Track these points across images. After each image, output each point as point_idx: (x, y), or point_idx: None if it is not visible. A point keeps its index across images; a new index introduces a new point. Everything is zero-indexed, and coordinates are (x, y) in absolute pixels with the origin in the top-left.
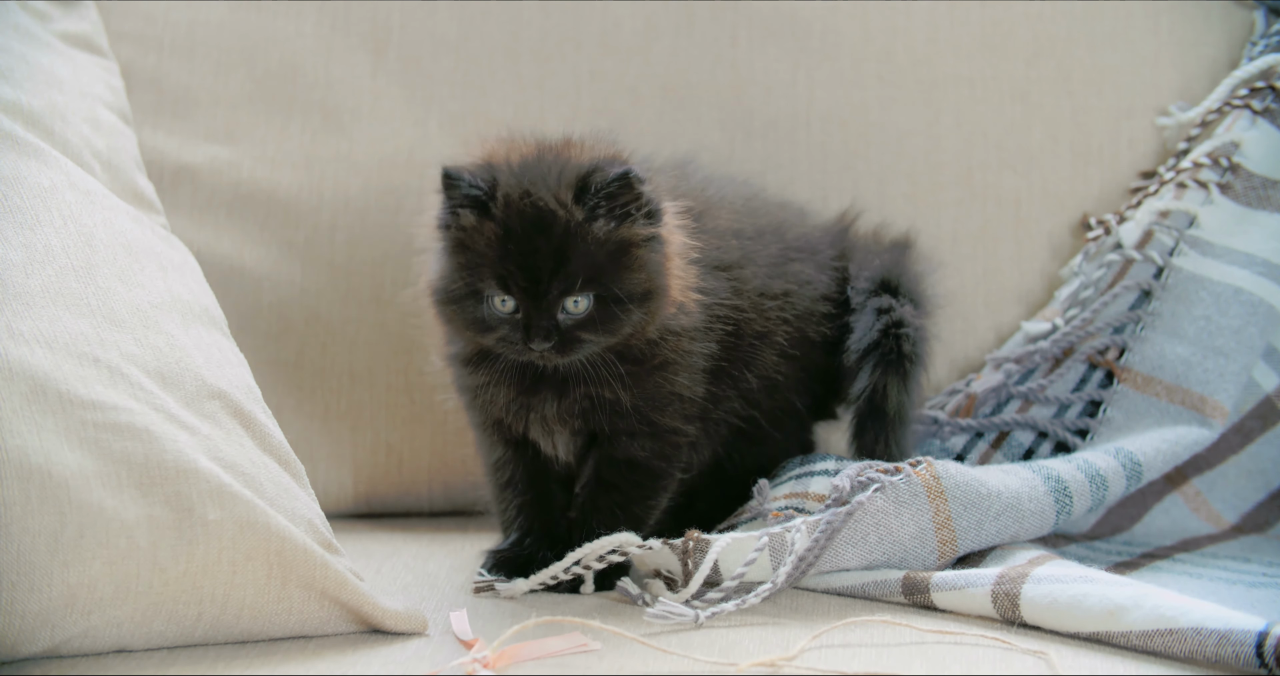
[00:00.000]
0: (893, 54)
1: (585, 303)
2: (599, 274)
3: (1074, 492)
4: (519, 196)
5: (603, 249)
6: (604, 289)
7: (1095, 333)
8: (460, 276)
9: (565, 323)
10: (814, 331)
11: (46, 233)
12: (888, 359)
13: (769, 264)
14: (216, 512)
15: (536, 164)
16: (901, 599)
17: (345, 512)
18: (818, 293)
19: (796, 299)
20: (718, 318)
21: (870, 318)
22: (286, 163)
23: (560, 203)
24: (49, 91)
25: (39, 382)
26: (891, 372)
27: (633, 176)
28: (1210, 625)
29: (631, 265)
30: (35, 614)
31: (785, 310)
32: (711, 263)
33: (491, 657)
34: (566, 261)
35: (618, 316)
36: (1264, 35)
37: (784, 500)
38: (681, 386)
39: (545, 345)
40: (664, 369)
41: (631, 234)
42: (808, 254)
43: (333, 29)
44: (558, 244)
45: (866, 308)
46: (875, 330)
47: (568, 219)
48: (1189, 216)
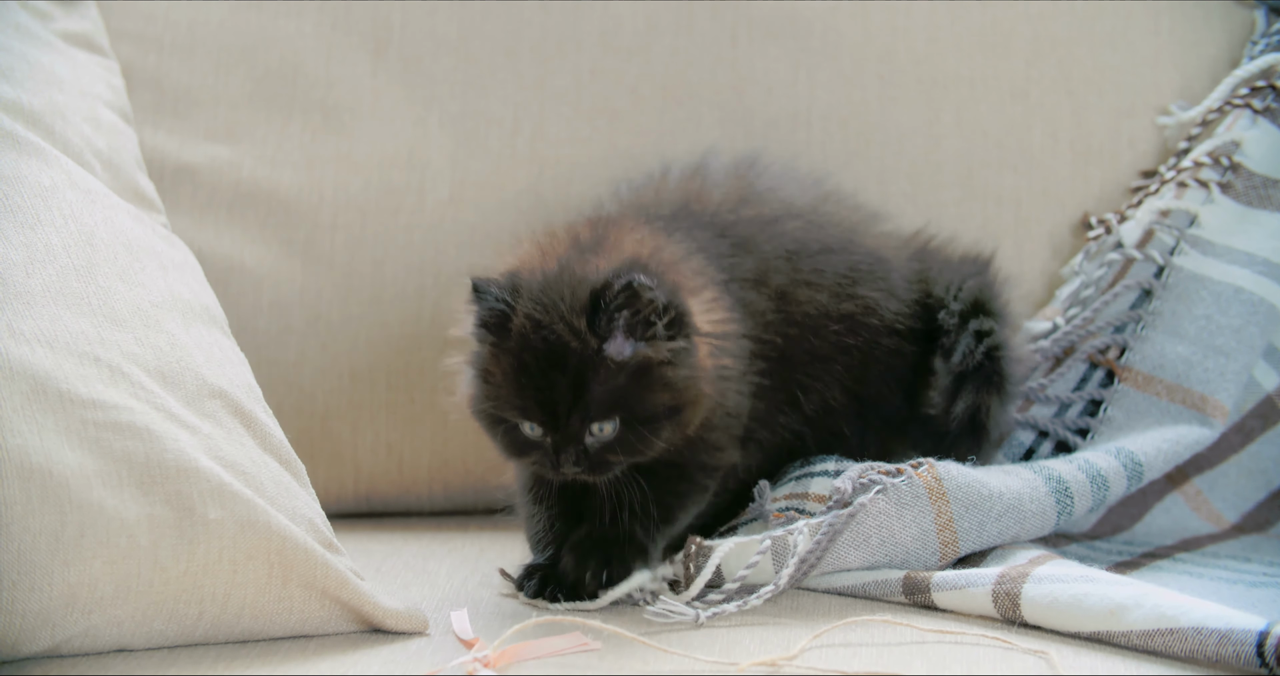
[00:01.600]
0: (893, 53)
1: (611, 427)
2: (621, 398)
3: (1075, 493)
4: (532, 328)
5: (622, 372)
6: (628, 411)
7: (1096, 332)
8: (487, 403)
9: (593, 446)
10: (878, 362)
11: (47, 232)
12: (991, 380)
13: (834, 283)
14: (217, 512)
15: (556, 281)
16: (902, 598)
17: (345, 512)
18: (886, 320)
19: (862, 325)
20: (758, 354)
21: (971, 340)
22: (287, 162)
23: (574, 331)
24: (49, 90)
25: (40, 382)
26: (993, 392)
27: (638, 285)
28: (1211, 624)
29: (654, 385)
30: (36, 613)
31: (848, 336)
32: (757, 282)
33: (492, 657)
34: (584, 393)
35: (645, 436)
36: (1264, 34)
37: (784, 501)
38: (721, 443)
39: (576, 470)
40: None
41: (651, 352)
42: (880, 275)
43: (333, 28)
44: (574, 376)
45: (966, 330)
46: (979, 354)
47: (582, 349)
48: (1190, 216)
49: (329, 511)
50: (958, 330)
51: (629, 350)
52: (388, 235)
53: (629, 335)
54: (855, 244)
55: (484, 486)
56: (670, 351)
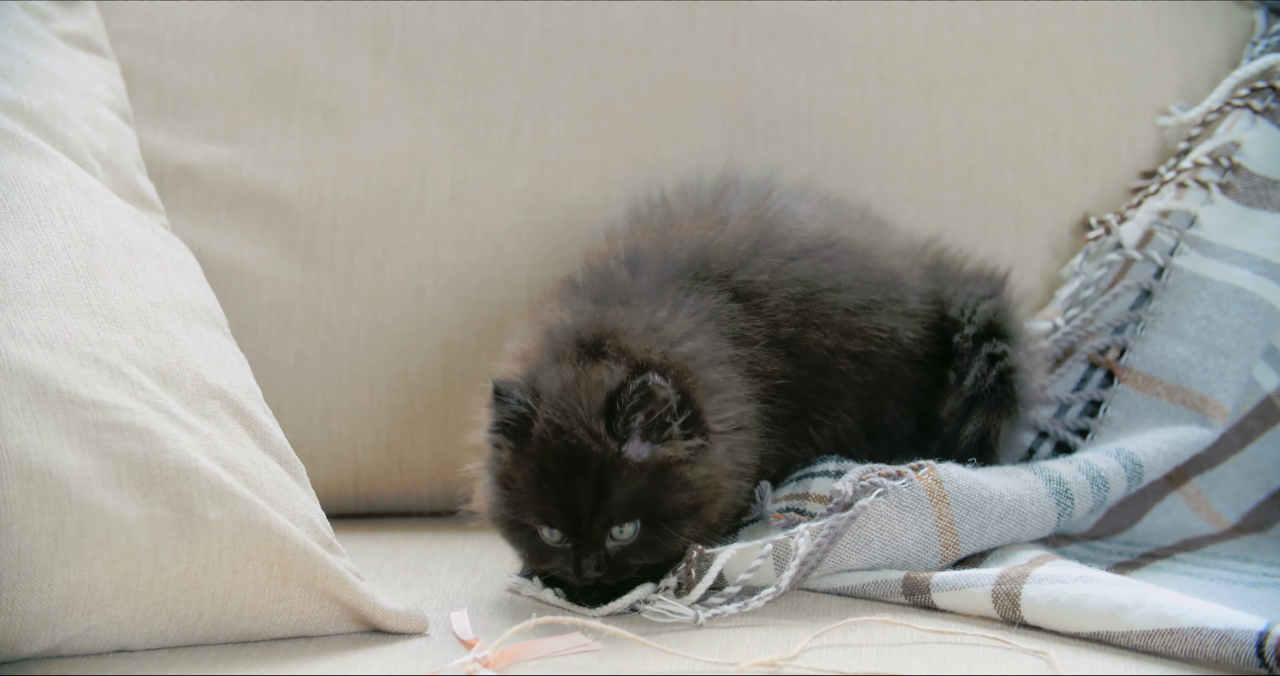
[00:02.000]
0: (893, 53)
1: (632, 529)
2: (642, 500)
3: (1075, 494)
4: (553, 433)
5: (642, 474)
6: (649, 512)
7: (1096, 332)
8: (507, 509)
9: (614, 550)
10: (891, 393)
11: (47, 232)
12: (1002, 403)
13: (843, 321)
14: (217, 512)
15: (574, 385)
16: (902, 599)
17: (345, 513)
18: (902, 347)
19: (875, 357)
20: (766, 399)
21: (984, 364)
22: (287, 162)
23: (594, 435)
24: (49, 91)
25: (39, 382)
26: (1003, 415)
27: (652, 385)
28: (1211, 625)
29: (673, 485)
30: (36, 613)
31: (858, 373)
32: (769, 342)
33: (492, 657)
34: (606, 496)
35: (668, 535)
36: (1264, 35)
37: (785, 501)
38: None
39: (596, 575)
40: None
41: (670, 452)
42: (896, 298)
43: (333, 28)
44: (595, 480)
45: (979, 354)
46: (991, 377)
47: (603, 453)
48: (1190, 216)
49: (329, 512)
50: (971, 353)
51: (646, 452)
52: (388, 235)
53: (645, 437)
54: (869, 271)
55: None
56: (688, 450)
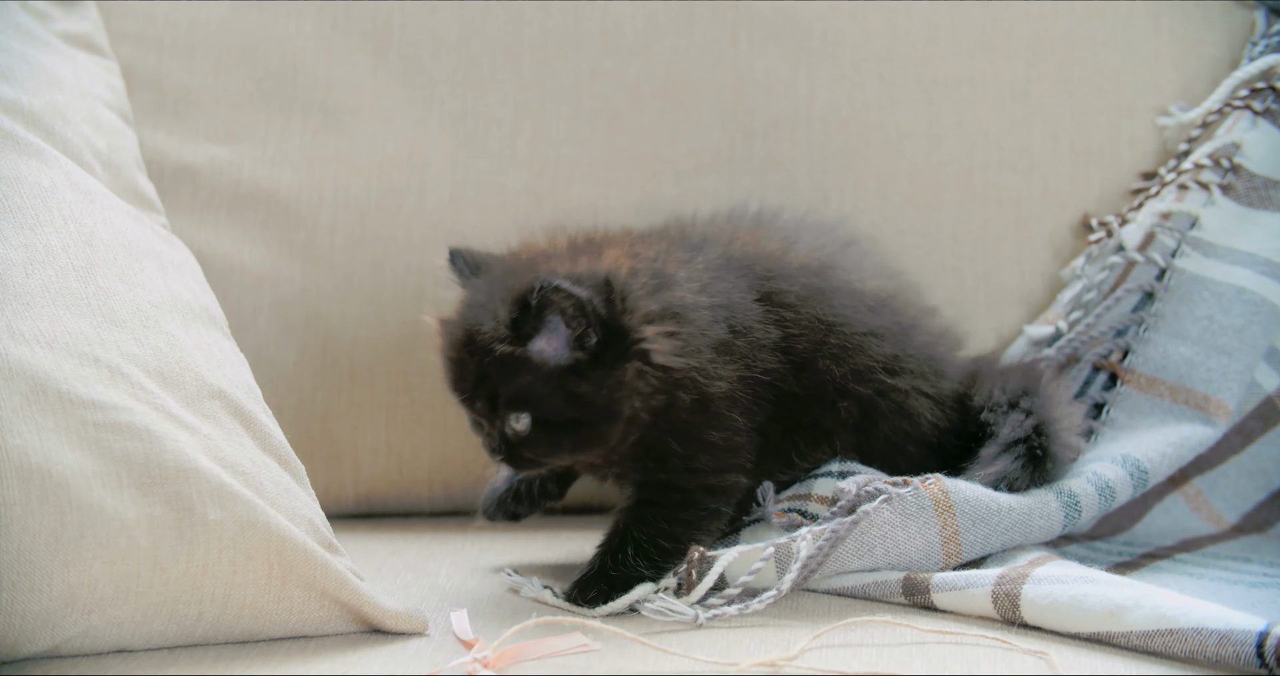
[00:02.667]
0: (893, 54)
1: (525, 421)
2: (530, 397)
3: (1084, 507)
4: (458, 315)
5: (534, 372)
6: (538, 410)
7: (1100, 337)
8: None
9: (512, 438)
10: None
11: (47, 232)
12: (1031, 450)
13: (862, 361)
14: (217, 512)
15: (511, 272)
16: (902, 599)
17: (345, 512)
18: (913, 422)
19: (878, 414)
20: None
21: (1020, 416)
22: (287, 162)
23: (497, 319)
24: (49, 91)
25: (39, 382)
26: (1029, 462)
27: (551, 289)
28: (1211, 625)
29: (562, 394)
30: (35, 613)
31: (856, 424)
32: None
33: (492, 657)
34: (485, 381)
35: (557, 439)
36: (1265, 35)
37: (787, 502)
38: (717, 438)
39: (497, 457)
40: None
41: (568, 362)
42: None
43: (333, 28)
44: (479, 365)
45: (1016, 408)
46: (1027, 427)
47: (491, 340)
48: (1191, 217)
49: (329, 512)
50: (1006, 412)
51: (551, 354)
52: (388, 235)
53: (560, 341)
54: (908, 343)
55: (484, 487)
56: (586, 364)
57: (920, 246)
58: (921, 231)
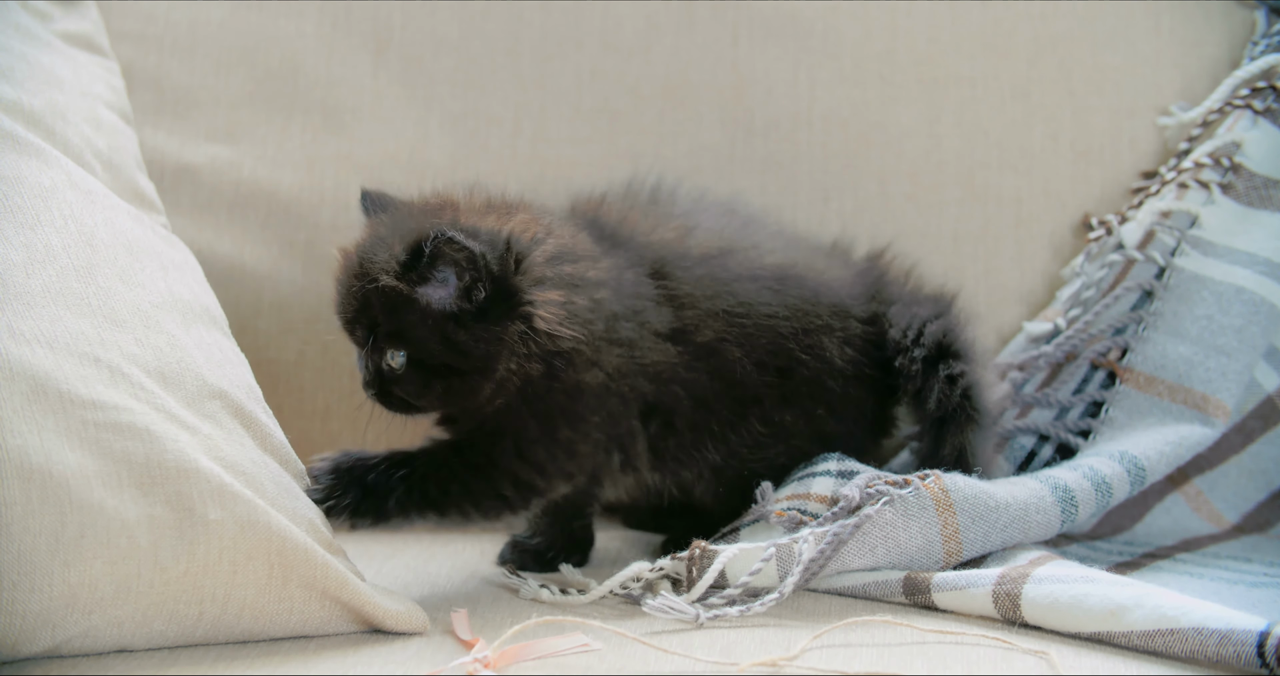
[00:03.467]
0: (894, 53)
1: (400, 359)
2: (408, 336)
3: (1080, 502)
4: (354, 243)
5: (416, 313)
6: (415, 351)
7: (1098, 335)
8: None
9: (387, 375)
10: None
11: (47, 232)
12: (968, 417)
13: (773, 339)
14: (217, 512)
15: (416, 218)
16: (902, 599)
17: None
18: (834, 366)
19: (799, 371)
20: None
21: (945, 386)
22: (287, 162)
23: (392, 255)
24: (50, 91)
25: (40, 382)
26: (971, 428)
27: (444, 239)
28: (1211, 625)
29: (440, 338)
30: (36, 613)
31: (781, 387)
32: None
33: (492, 657)
34: (366, 312)
35: (425, 383)
36: (1265, 35)
37: (786, 501)
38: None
39: (369, 391)
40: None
41: (452, 309)
42: (835, 328)
43: (334, 28)
44: (363, 294)
45: (937, 376)
46: (955, 398)
47: (378, 273)
48: (1190, 216)
49: None
50: (924, 375)
51: (436, 300)
52: None
53: (448, 289)
54: (816, 305)
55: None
56: (469, 315)
57: (921, 246)
58: (922, 231)
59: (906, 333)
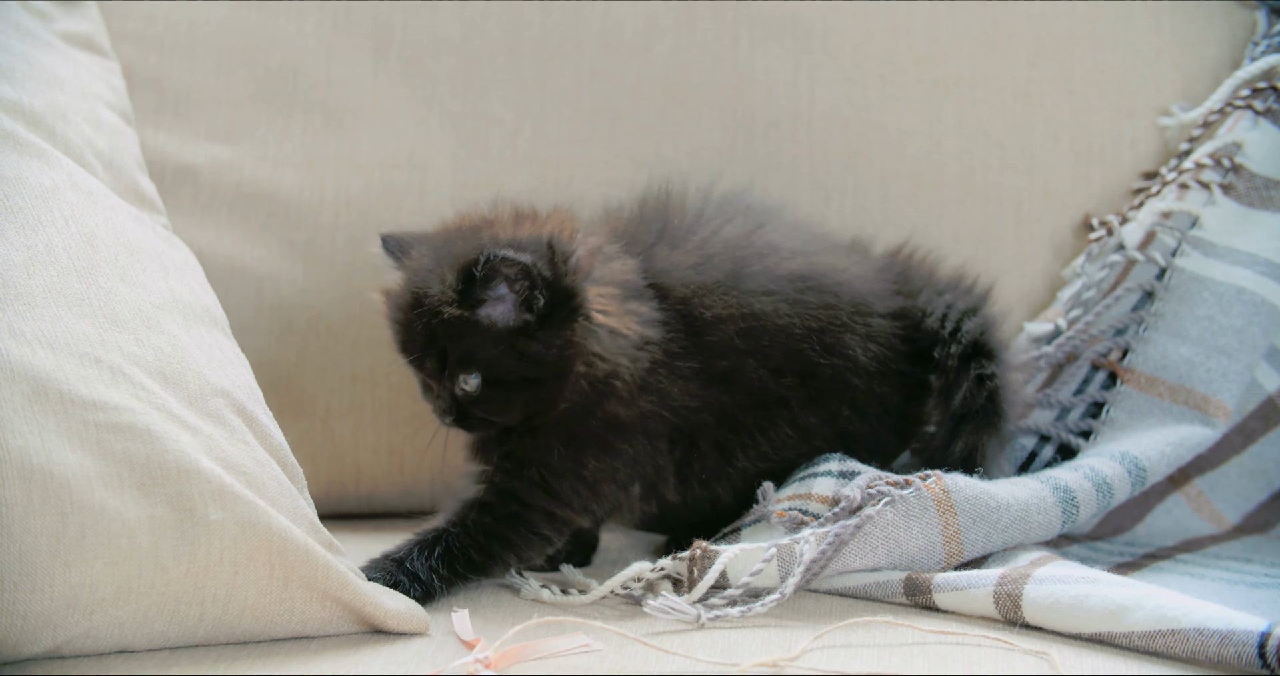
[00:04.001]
0: (894, 54)
1: (474, 382)
2: (478, 356)
3: (1081, 502)
4: (405, 281)
5: (478, 333)
6: (488, 370)
7: (1099, 335)
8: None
9: (462, 398)
10: (849, 401)
11: (48, 233)
12: (990, 422)
13: (791, 344)
14: (218, 513)
15: (456, 239)
16: (904, 600)
17: (347, 513)
18: (856, 363)
19: (821, 371)
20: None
21: (973, 385)
22: (288, 162)
23: (445, 285)
24: (50, 91)
25: (41, 383)
26: (991, 433)
27: (497, 259)
28: (1213, 626)
29: (513, 353)
30: (37, 614)
31: (804, 388)
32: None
33: (493, 658)
34: (434, 342)
35: (505, 398)
36: (1266, 35)
37: (787, 502)
38: (591, 470)
39: (447, 419)
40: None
41: (517, 323)
42: (858, 326)
43: (334, 28)
44: (428, 326)
45: (968, 374)
46: (981, 398)
47: (439, 303)
48: (1191, 217)
49: (330, 512)
50: (958, 371)
51: (499, 317)
52: None
53: (507, 305)
54: (837, 308)
55: None
56: (534, 325)
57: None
58: (923, 231)
59: (944, 323)
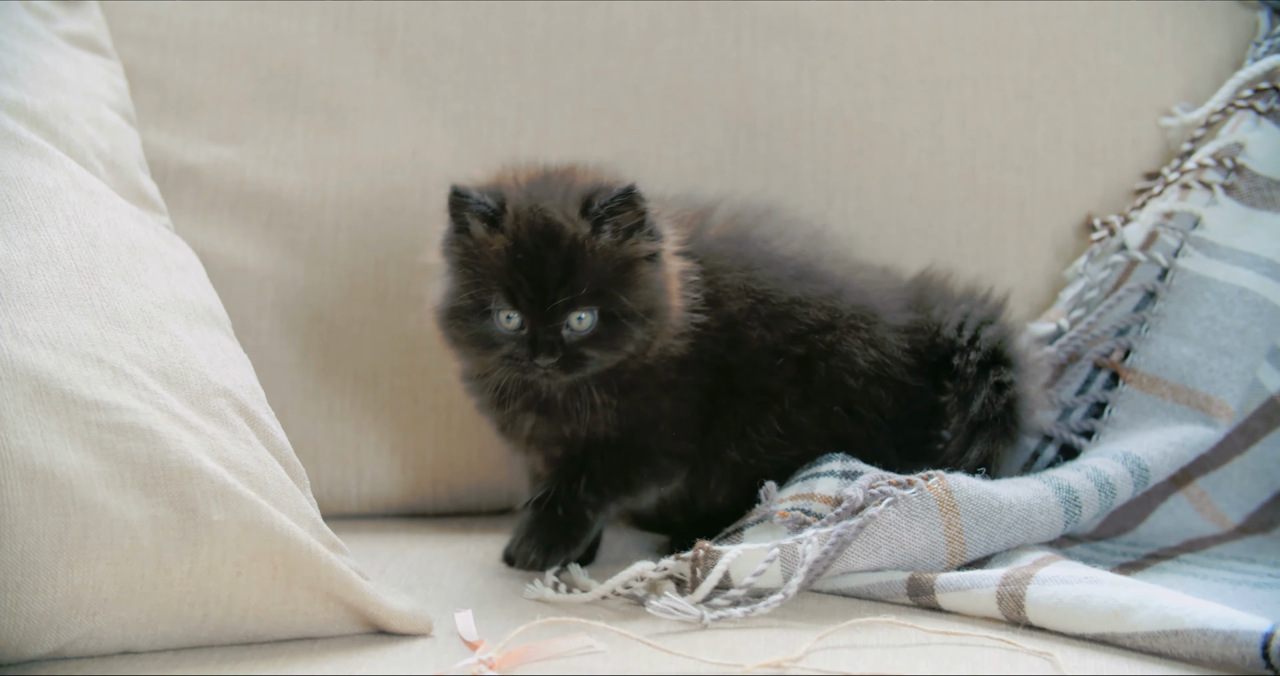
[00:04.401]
0: (897, 54)
1: (590, 318)
2: (604, 288)
3: (1083, 502)
4: (528, 210)
5: (608, 263)
6: (609, 304)
7: (1101, 336)
8: (467, 291)
9: (570, 339)
10: (843, 404)
11: (50, 233)
12: (1006, 431)
13: (792, 326)
14: (221, 513)
15: (544, 183)
16: (907, 600)
17: (350, 514)
18: (855, 366)
19: (817, 365)
20: (706, 350)
21: (991, 392)
22: (290, 163)
23: (568, 216)
24: (53, 92)
25: (43, 383)
26: (1007, 442)
27: (635, 193)
28: (1216, 626)
29: (636, 281)
30: (40, 615)
31: (800, 381)
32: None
33: (497, 658)
34: (573, 273)
35: (622, 333)
36: (1268, 36)
37: (790, 502)
38: (667, 413)
39: (550, 360)
40: (653, 398)
41: (635, 250)
42: (857, 327)
43: (336, 28)
44: (565, 256)
45: (986, 381)
46: (999, 406)
47: (575, 232)
48: (1193, 217)
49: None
50: (976, 379)
51: (628, 248)
52: (391, 236)
53: (614, 234)
54: (838, 300)
55: (487, 487)
56: (651, 252)
57: (924, 246)
58: (925, 231)
59: (962, 331)
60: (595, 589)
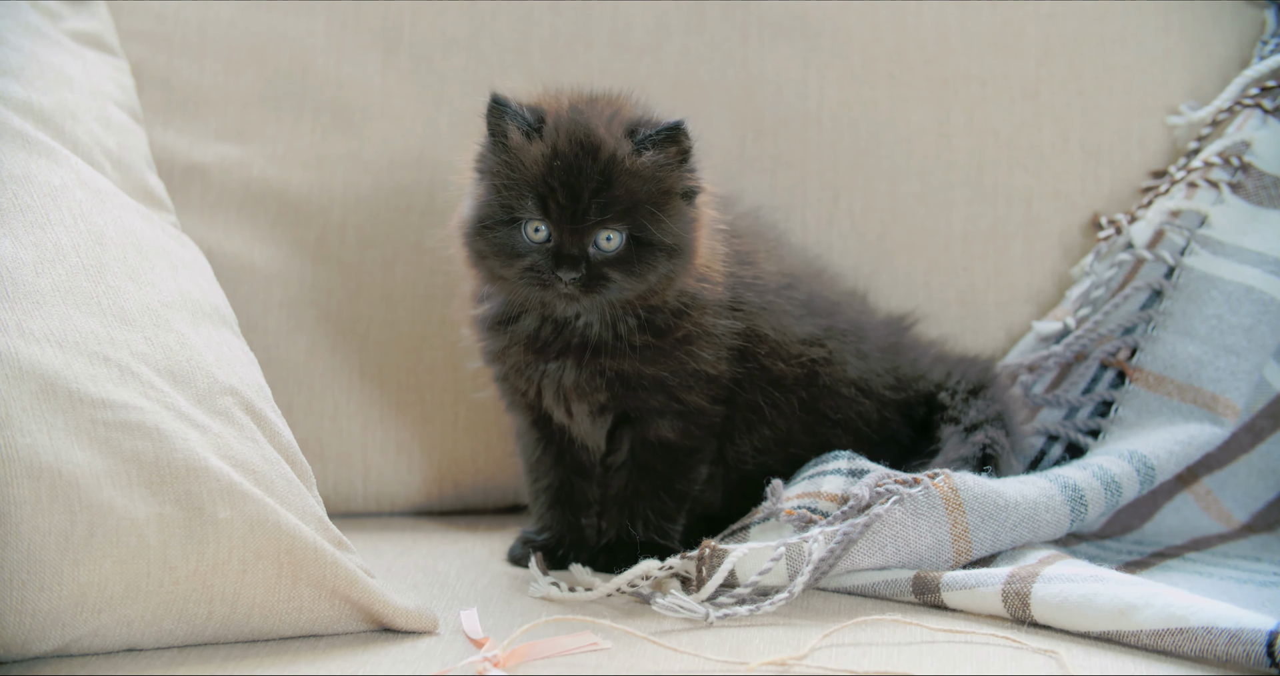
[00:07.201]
0: (903, 53)
1: (618, 239)
2: (637, 210)
3: (1089, 500)
4: (570, 121)
5: (645, 187)
6: (639, 228)
7: (1108, 335)
8: (498, 199)
9: (595, 257)
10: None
11: (57, 231)
12: (1004, 424)
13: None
14: (226, 511)
15: (589, 105)
16: (912, 598)
17: (356, 512)
18: (845, 376)
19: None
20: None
21: (982, 403)
22: (297, 161)
23: (610, 133)
24: (59, 90)
25: (49, 381)
26: (1005, 433)
27: (683, 130)
28: (1221, 624)
29: (669, 212)
30: (46, 612)
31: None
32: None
33: (502, 656)
34: (609, 187)
35: (647, 260)
36: (1275, 34)
37: (796, 500)
38: (705, 363)
39: (573, 274)
40: (687, 342)
41: (674, 181)
42: (849, 342)
43: (343, 27)
44: (603, 168)
45: (974, 400)
46: (991, 412)
47: (616, 149)
48: (1200, 216)
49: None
50: (964, 403)
51: (666, 177)
52: (398, 235)
53: (655, 161)
54: (835, 318)
55: (494, 486)
56: (687, 188)
57: (930, 245)
58: (931, 230)
59: (950, 375)
60: (600, 587)
